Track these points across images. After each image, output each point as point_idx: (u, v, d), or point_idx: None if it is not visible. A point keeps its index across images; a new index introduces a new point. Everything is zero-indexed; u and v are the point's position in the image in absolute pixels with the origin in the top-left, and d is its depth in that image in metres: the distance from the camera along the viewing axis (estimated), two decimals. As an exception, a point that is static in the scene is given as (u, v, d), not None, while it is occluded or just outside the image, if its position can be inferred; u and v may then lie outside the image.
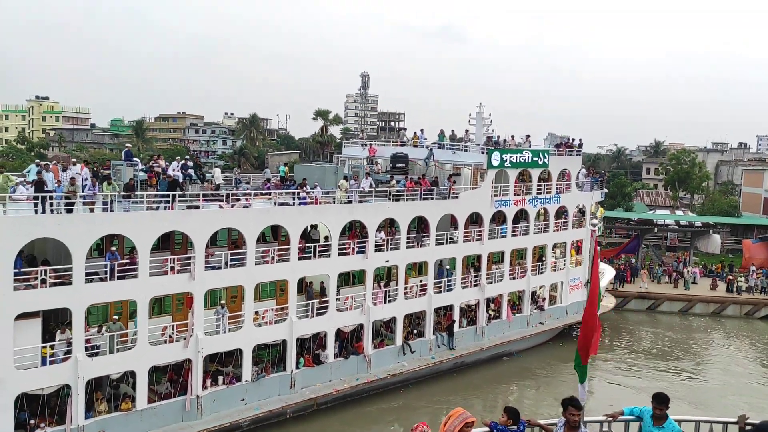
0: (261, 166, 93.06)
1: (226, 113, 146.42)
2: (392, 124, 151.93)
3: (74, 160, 26.76)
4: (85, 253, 21.86)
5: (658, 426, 8.00)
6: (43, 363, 21.40)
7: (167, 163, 28.99)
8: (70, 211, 21.93)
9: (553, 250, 41.45)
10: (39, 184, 22.29)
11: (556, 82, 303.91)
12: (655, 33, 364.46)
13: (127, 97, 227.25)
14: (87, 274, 22.07)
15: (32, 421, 21.41)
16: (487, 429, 7.68)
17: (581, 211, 44.02)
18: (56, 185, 23.05)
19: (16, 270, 20.61)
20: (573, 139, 44.13)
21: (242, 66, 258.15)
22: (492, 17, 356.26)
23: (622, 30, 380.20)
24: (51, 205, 21.70)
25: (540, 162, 38.70)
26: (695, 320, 49.49)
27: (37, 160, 30.95)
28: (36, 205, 21.56)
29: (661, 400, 8.07)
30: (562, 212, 41.48)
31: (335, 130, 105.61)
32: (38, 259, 23.11)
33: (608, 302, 45.46)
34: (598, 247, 39.43)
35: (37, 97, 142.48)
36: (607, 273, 46.42)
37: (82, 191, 22.88)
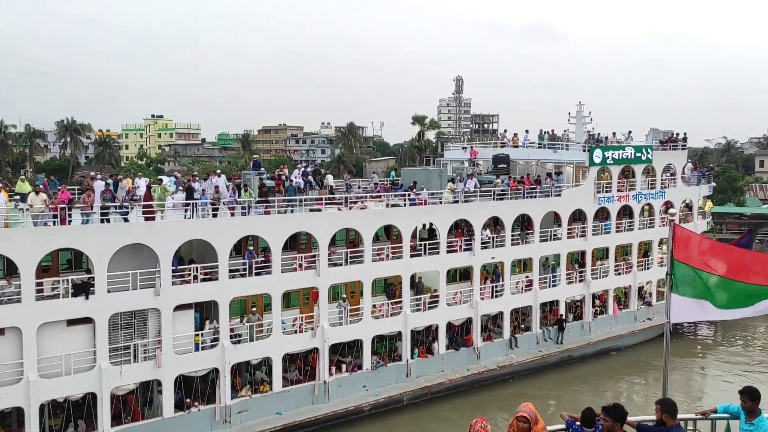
0: (360, 172, 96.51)
1: (323, 123, 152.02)
2: (486, 126, 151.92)
3: (219, 171, 30.01)
4: (228, 252, 24.84)
5: (749, 423, 7.65)
6: (196, 349, 24.53)
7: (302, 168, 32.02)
8: (215, 215, 25.00)
9: (660, 245, 41.21)
10: (189, 191, 25.50)
11: (656, 74, 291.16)
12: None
13: (224, 115, 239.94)
14: (229, 271, 25.05)
15: (188, 400, 24.57)
16: (564, 427, 7.57)
17: (688, 206, 43.47)
18: (201, 193, 26.14)
19: (174, 268, 23.83)
20: (677, 134, 43.66)
21: (331, 77, 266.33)
22: (584, 12, 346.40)
23: (726, 14, 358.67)
24: (197, 211, 24.89)
25: (643, 158, 38.80)
26: (817, 317, 47.34)
27: (175, 172, 34.66)
28: (186, 210, 24.78)
29: (747, 394, 7.67)
30: (668, 207, 41.19)
31: (430, 135, 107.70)
32: (185, 259, 26.36)
33: (720, 298, 44.42)
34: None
35: (152, 115, 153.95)
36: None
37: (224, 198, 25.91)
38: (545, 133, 41.25)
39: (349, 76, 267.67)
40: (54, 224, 21.32)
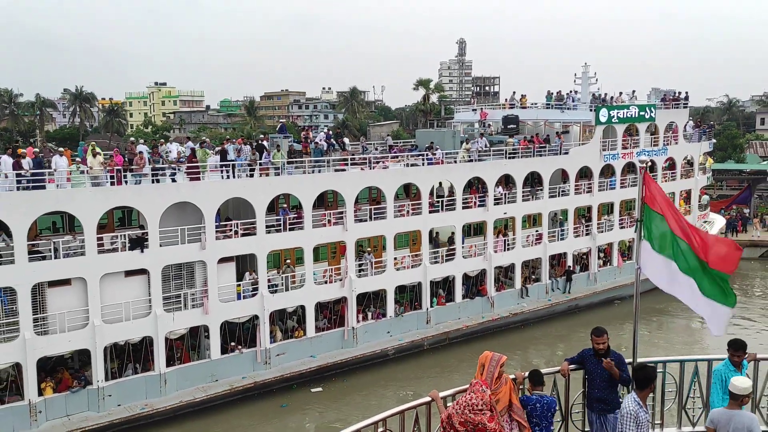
0: (364, 137, 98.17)
1: (323, 88, 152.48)
2: (487, 88, 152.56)
3: (261, 136, 31.83)
4: (265, 209, 26.92)
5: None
6: (238, 298, 26.80)
7: (315, 134, 33.83)
8: (251, 175, 26.99)
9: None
10: (222, 153, 27.42)
11: (668, 28, 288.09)
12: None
13: (224, 81, 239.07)
14: (266, 227, 27.16)
15: (232, 344, 26.94)
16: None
17: (689, 163, 45.41)
18: (236, 155, 28.04)
19: (217, 224, 25.93)
20: (679, 93, 45.34)
21: (330, 42, 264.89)
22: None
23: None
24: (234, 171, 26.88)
25: (647, 116, 40.61)
26: (811, 267, 49.64)
27: (205, 139, 36.34)
28: (222, 171, 26.75)
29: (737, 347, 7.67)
30: (670, 164, 43.19)
31: (433, 98, 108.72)
32: (222, 216, 28.39)
33: (719, 250, 46.64)
34: (707, 195, 41.18)
35: (156, 83, 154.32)
36: (717, 222, 47.67)
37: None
38: (552, 94, 42.88)
39: (348, 41, 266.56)
40: (111, 185, 23.38)
